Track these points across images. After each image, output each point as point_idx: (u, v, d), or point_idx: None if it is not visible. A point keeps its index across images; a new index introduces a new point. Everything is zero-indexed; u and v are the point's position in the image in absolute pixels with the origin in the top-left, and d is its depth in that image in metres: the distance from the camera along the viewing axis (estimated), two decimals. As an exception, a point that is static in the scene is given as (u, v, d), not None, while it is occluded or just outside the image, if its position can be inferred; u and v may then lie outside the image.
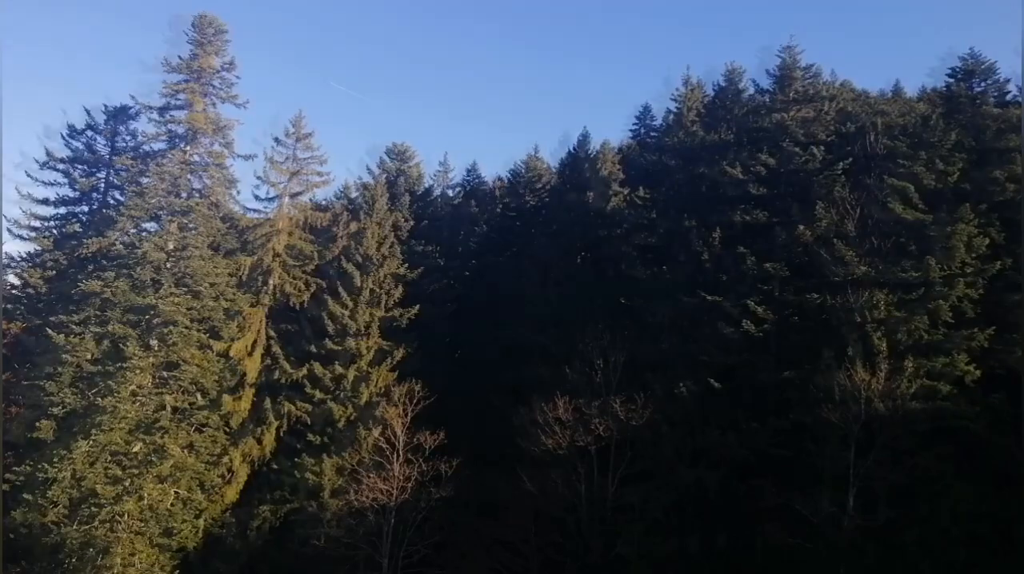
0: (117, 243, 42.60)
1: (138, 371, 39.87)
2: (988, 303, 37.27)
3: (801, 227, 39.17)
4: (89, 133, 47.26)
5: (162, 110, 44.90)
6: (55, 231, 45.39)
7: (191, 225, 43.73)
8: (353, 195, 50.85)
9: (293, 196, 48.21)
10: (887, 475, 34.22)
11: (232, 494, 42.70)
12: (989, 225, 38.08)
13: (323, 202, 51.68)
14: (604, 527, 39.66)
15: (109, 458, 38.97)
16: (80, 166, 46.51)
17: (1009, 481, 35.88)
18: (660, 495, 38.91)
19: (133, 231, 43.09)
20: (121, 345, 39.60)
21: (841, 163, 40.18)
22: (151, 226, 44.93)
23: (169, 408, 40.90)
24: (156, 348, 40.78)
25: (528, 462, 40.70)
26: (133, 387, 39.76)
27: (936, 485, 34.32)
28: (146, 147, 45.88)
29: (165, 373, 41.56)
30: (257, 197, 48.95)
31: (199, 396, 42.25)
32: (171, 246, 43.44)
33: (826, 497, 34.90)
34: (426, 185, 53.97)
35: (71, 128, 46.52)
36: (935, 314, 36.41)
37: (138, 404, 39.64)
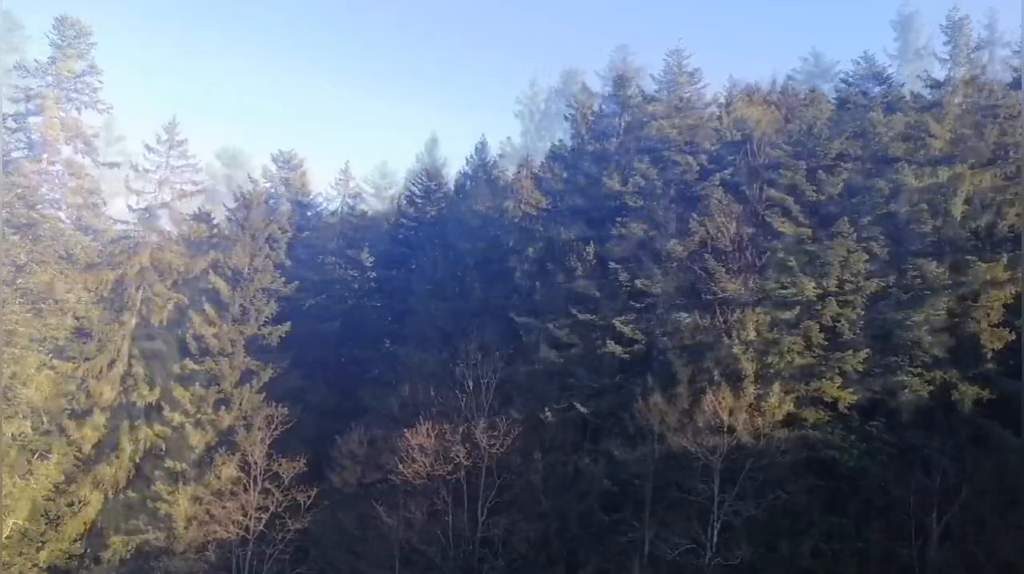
0: (-46, 257, 40.10)
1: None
2: (868, 323, 34.78)
3: (673, 242, 36.81)
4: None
5: (16, 116, 42.52)
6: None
7: (42, 237, 41.30)
8: (232, 205, 48.19)
9: (163, 206, 45.73)
10: (748, 509, 31.75)
11: (79, 525, 40.08)
12: (872, 239, 35.64)
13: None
14: (467, 562, 37.17)
15: (-61, 488, 36.50)
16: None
17: (888, 515, 33.51)
18: (525, 528, 36.45)
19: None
20: (-51, 367, 37.08)
21: (719, 174, 37.77)
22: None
23: (9, 434, 38.42)
24: (-9, 370, 38.24)
25: (397, 492, 38.45)
26: (-37, 412, 37.25)
27: (800, 521, 31.85)
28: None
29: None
30: (130, 208, 46.55)
31: (45, 420, 39.78)
32: (23, 259, 41.07)
33: (689, 532, 32.40)
34: (313, 193, 51.25)
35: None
36: (808, 335, 33.97)
37: (-33, 430, 37.14)
